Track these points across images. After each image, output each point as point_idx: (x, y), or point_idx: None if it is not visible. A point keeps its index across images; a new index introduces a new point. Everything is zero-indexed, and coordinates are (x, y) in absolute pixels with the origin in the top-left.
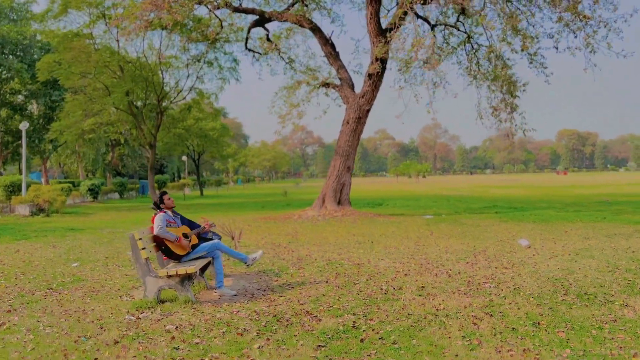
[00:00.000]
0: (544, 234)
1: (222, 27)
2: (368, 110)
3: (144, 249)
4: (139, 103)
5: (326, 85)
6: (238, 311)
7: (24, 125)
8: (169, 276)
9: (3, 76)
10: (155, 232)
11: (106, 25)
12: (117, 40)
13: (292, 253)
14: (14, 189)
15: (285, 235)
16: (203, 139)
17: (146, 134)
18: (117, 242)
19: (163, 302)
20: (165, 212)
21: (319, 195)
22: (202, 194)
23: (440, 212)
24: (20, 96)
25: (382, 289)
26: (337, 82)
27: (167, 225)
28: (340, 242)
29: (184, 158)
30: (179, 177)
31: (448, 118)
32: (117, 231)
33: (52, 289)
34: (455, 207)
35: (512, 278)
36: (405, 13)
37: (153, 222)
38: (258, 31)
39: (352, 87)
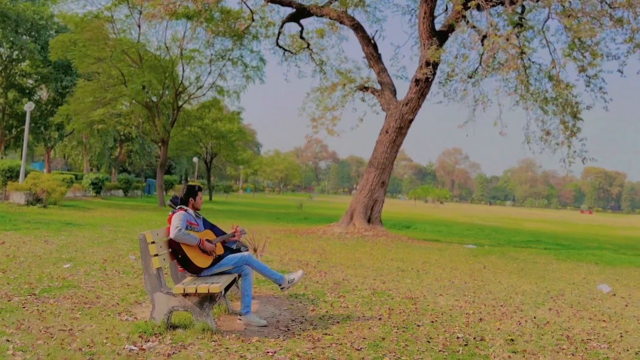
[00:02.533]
0: (620, 279)
1: (253, 19)
2: (411, 120)
3: (157, 255)
4: (154, 98)
5: (364, 89)
6: (274, 352)
7: (29, 106)
8: (186, 295)
9: (14, 56)
10: (171, 235)
11: (129, 9)
12: (139, 26)
13: (324, 275)
14: (11, 175)
15: (311, 252)
16: (219, 140)
17: (159, 129)
18: (118, 242)
19: (174, 327)
20: (186, 211)
21: (347, 210)
22: (211, 198)
23: (480, 242)
24: (30, 80)
25: (458, 337)
26: (377, 86)
27: (187, 228)
28: (379, 268)
29: (195, 159)
30: (187, 180)
31: (470, 144)
32: (119, 230)
33: (34, 294)
34: (495, 238)
35: (621, 336)
36: (464, 10)
37: (170, 222)
38: (290, 28)
39: (394, 92)
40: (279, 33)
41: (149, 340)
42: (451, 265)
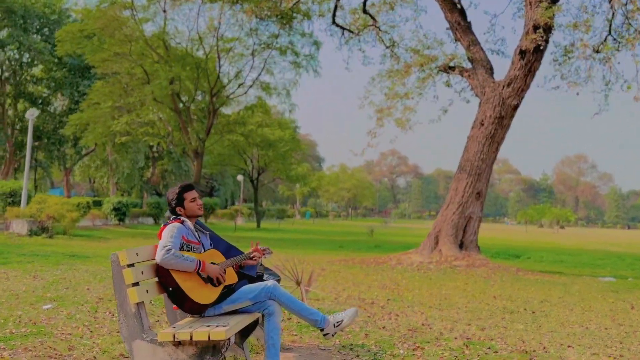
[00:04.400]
0: None
1: None
2: (516, 107)
3: (136, 285)
4: (186, 101)
5: (449, 69)
6: None
7: (31, 114)
8: (178, 343)
9: (23, 60)
10: (157, 258)
11: None
12: (164, 11)
13: (396, 318)
14: (14, 200)
15: (379, 288)
16: (266, 151)
17: (192, 139)
18: None
19: None
20: (182, 223)
21: (430, 233)
22: (259, 225)
23: (621, 274)
24: (46, 90)
25: None
26: (467, 65)
27: (182, 247)
28: (476, 308)
29: (240, 178)
30: (233, 203)
31: (598, 148)
32: None
33: None
34: None
35: None
36: None
37: (160, 238)
38: (350, 1)
39: (490, 71)
40: (336, 7)
41: None
42: (582, 305)
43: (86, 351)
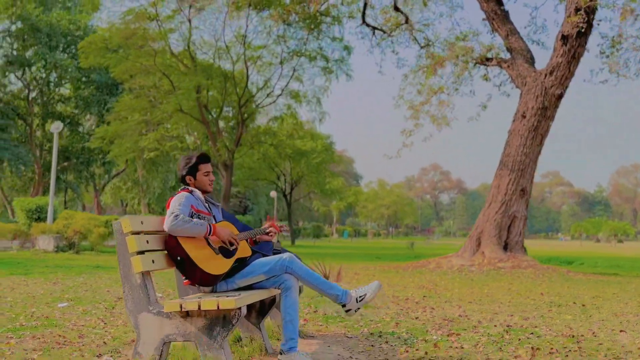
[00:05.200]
0: None
1: None
2: (560, 97)
3: (142, 253)
4: (215, 112)
5: (487, 60)
6: None
7: (55, 127)
8: (186, 314)
9: (50, 79)
10: (166, 226)
11: (177, 2)
12: (189, 21)
13: (430, 311)
14: (40, 216)
15: (416, 287)
16: (298, 163)
17: (220, 151)
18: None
19: None
20: (191, 193)
21: (471, 234)
22: (293, 242)
23: None
24: (74, 110)
25: None
26: (505, 55)
27: (192, 216)
28: (520, 303)
29: (273, 194)
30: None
31: None
32: (163, 274)
33: None
34: None
35: None
36: None
37: (168, 208)
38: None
39: (530, 60)
40: (365, 5)
41: None
42: (639, 300)
43: (97, 338)
